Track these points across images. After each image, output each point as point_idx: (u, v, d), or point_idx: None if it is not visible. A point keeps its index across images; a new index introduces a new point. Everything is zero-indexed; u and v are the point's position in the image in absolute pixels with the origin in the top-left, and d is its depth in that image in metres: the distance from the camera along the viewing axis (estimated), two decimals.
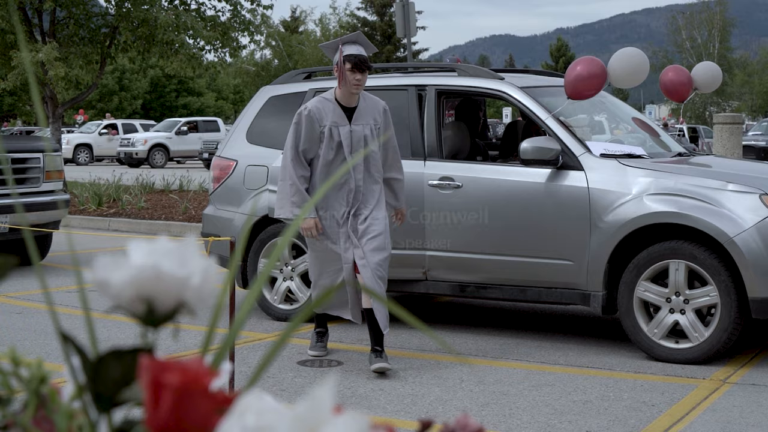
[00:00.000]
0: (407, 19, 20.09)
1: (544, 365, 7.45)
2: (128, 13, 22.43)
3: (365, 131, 7.30)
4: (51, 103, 23.06)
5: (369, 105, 7.38)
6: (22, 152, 12.15)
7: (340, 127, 7.26)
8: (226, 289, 0.93)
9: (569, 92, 8.24)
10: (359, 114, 7.32)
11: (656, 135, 9.09)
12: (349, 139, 7.27)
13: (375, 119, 7.35)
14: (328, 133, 7.24)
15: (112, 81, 70.65)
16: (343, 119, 7.28)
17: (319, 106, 7.30)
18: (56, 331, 0.92)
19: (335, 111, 7.28)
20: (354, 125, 7.29)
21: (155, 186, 21.69)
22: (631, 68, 8.32)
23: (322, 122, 7.25)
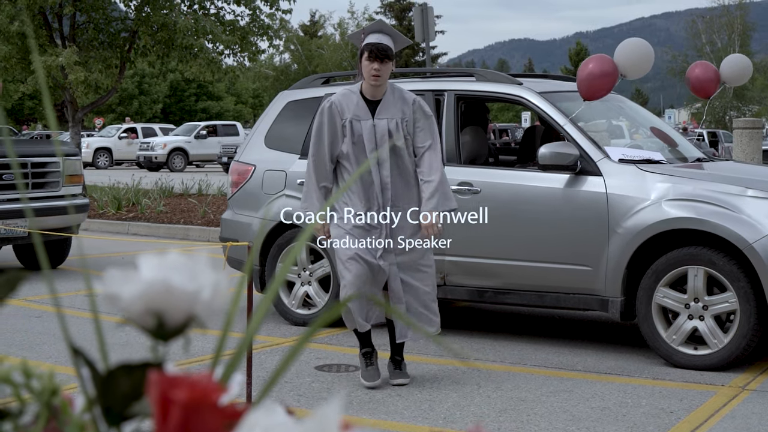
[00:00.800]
0: (426, 24, 20.08)
1: (561, 371, 7.43)
2: (148, 18, 22.51)
3: (390, 126, 6.82)
4: (71, 107, 23.15)
5: (397, 98, 6.90)
6: (41, 156, 12.19)
7: (362, 121, 6.83)
8: (240, 293, 0.93)
9: (582, 91, 8.24)
10: (384, 107, 6.85)
11: (675, 145, 9.02)
12: (371, 133, 6.82)
13: (403, 112, 6.85)
14: (349, 126, 6.83)
15: (132, 85, 70.91)
16: (366, 113, 6.85)
17: (342, 98, 6.90)
18: (66, 344, 0.92)
19: (358, 104, 6.86)
20: (377, 119, 6.83)
21: (174, 190, 21.75)
22: (637, 57, 8.31)
23: (344, 115, 6.84)
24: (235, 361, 0.91)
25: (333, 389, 6.89)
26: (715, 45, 69.49)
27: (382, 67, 6.76)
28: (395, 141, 6.83)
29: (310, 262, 9.02)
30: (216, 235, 14.33)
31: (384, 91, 6.88)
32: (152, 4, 22.48)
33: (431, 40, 20.47)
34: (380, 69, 6.75)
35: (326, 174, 6.88)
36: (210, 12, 23.09)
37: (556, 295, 8.03)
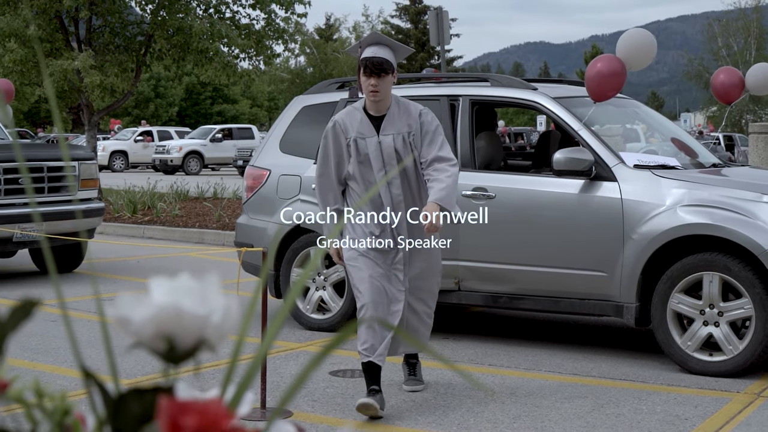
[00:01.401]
0: (441, 28, 20.09)
1: (576, 377, 7.42)
2: (163, 22, 22.55)
3: (396, 142, 6.46)
4: (87, 110, 23.21)
5: (402, 111, 6.53)
6: (57, 160, 12.23)
7: (367, 139, 6.48)
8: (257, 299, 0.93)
9: (591, 92, 8.23)
10: (388, 122, 6.50)
11: (695, 155, 8.95)
12: (377, 151, 6.47)
13: (409, 125, 6.47)
14: (354, 145, 6.49)
15: (147, 88, 71.07)
16: (371, 129, 6.49)
17: (345, 117, 6.58)
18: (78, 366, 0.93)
19: (362, 121, 6.51)
20: (383, 135, 6.48)
21: (189, 193, 21.80)
22: (639, 47, 8.32)
23: (348, 134, 6.50)
24: (246, 383, 0.91)
25: (347, 395, 6.89)
26: (732, 48, 69.27)
27: (380, 82, 6.40)
28: (406, 160, 6.50)
29: (324, 267, 9.02)
30: (231, 239, 14.35)
31: (388, 105, 6.53)
32: (168, 8, 22.53)
33: (446, 43, 20.48)
34: (378, 84, 6.40)
35: (336, 196, 6.59)
36: (225, 16, 23.13)
37: (571, 300, 8.01)
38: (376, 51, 6.46)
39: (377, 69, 6.39)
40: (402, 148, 6.47)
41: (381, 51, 6.46)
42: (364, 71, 6.41)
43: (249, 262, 9.30)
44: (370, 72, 6.39)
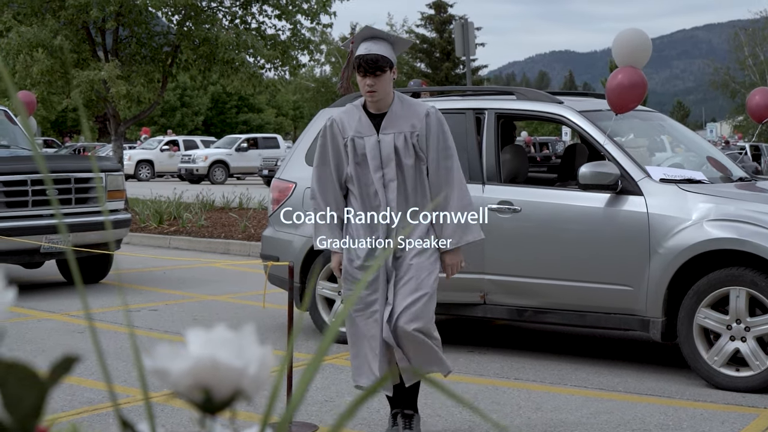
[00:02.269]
0: (466, 39, 20.10)
1: (602, 392, 7.40)
2: (189, 32, 22.66)
3: (397, 141, 5.93)
4: (113, 120, 23.35)
5: (406, 109, 6.00)
6: (84, 172, 12.31)
7: (365, 138, 5.97)
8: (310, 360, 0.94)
9: (612, 103, 8.24)
10: (390, 121, 5.97)
11: (726, 171, 8.89)
12: (375, 150, 5.95)
13: (412, 125, 5.94)
14: (351, 145, 5.98)
15: (173, 97, 71.39)
16: (369, 128, 5.98)
17: (343, 115, 6.08)
18: (115, 417, 0.94)
19: (361, 119, 6.00)
20: (383, 134, 5.96)
21: (215, 204, 21.87)
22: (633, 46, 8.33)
23: (345, 133, 6.01)
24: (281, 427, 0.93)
25: (373, 408, 6.90)
26: (758, 57, 68.97)
27: (377, 81, 5.87)
28: (405, 159, 5.96)
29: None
30: (256, 249, 14.39)
31: (389, 102, 6.01)
32: (194, 19, 22.65)
33: (472, 54, 20.50)
34: (374, 84, 5.87)
35: (335, 200, 6.07)
36: (251, 26, 23.23)
37: (597, 314, 8.00)
38: (371, 47, 5.91)
39: (372, 67, 5.85)
40: (403, 148, 5.95)
41: (376, 47, 5.91)
42: (358, 70, 5.89)
43: (275, 275, 9.33)
44: (364, 71, 5.87)
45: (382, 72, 5.87)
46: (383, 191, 5.95)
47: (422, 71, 66.96)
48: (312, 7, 22.97)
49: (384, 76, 5.88)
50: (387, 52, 5.91)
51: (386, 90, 5.94)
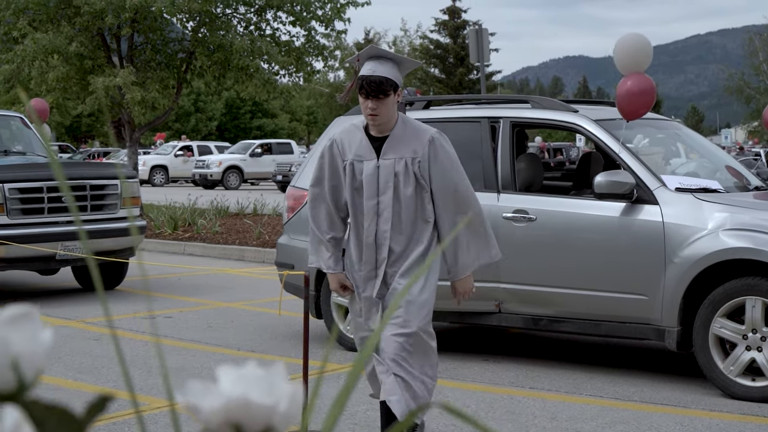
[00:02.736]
0: (480, 45, 20.12)
1: (618, 401, 7.40)
2: (204, 39, 22.76)
3: (397, 167, 5.57)
4: (128, 126, 23.44)
5: (408, 133, 5.63)
6: (99, 179, 12.36)
7: (365, 162, 5.63)
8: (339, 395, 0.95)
9: (622, 110, 8.24)
10: (391, 144, 5.61)
11: (743, 180, 8.87)
12: (374, 176, 5.60)
13: (414, 151, 5.57)
14: (350, 169, 5.65)
15: (188, 102, 71.60)
16: (370, 152, 5.64)
17: (344, 136, 5.76)
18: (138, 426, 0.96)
19: (362, 142, 5.67)
20: (383, 159, 5.61)
21: (229, 210, 21.91)
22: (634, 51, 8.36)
23: (345, 156, 5.68)
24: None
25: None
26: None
27: (380, 105, 5.51)
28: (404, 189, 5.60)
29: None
30: (271, 256, 14.42)
31: (392, 126, 5.65)
32: (209, 26, 22.73)
33: (486, 61, 20.52)
34: (377, 107, 5.51)
35: (332, 223, 5.77)
36: (266, 33, 23.30)
37: (612, 324, 7.99)
38: (375, 68, 5.56)
39: (375, 91, 5.51)
40: (403, 174, 5.58)
41: (381, 67, 5.56)
42: (360, 91, 5.55)
43: (290, 283, 9.35)
44: (366, 94, 5.52)
45: (385, 96, 5.51)
46: (375, 221, 5.61)
47: (436, 77, 67.02)
48: (326, 13, 23.03)
49: (387, 99, 5.53)
50: (392, 73, 5.57)
51: (389, 114, 5.58)
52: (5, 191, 11.50)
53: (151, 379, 7.91)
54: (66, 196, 1.00)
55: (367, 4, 23.30)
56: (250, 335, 9.84)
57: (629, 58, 8.36)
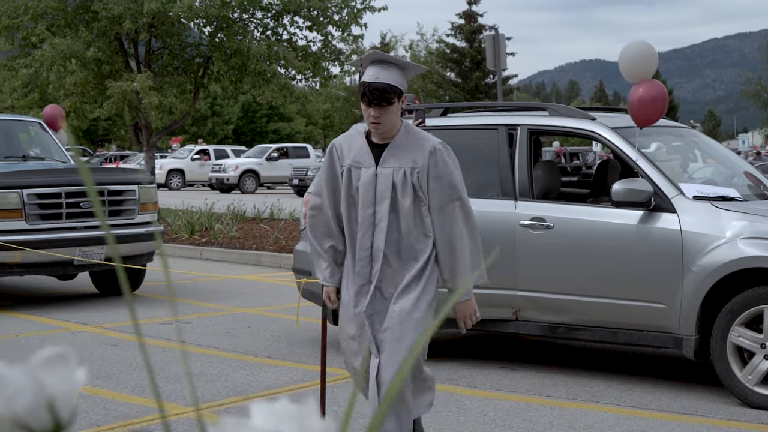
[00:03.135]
0: (497, 51, 20.12)
1: (635, 410, 7.38)
2: (221, 44, 22.80)
3: (396, 176, 5.29)
4: (145, 131, 23.51)
5: (410, 142, 5.35)
6: (117, 184, 12.41)
7: (363, 169, 5.35)
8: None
9: (635, 116, 8.24)
10: (391, 152, 5.33)
11: (762, 188, 8.86)
12: (371, 184, 5.32)
13: (414, 161, 5.28)
14: (347, 175, 5.38)
15: (204, 106, 71.75)
16: (370, 159, 5.35)
17: (345, 140, 5.50)
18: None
19: (362, 147, 5.39)
20: (382, 167, 5.32)
21: (246, 214, 21.95)
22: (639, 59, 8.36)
23: (343, 161, 5.41)
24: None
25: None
26: None
27: (383, 113, 5.22)
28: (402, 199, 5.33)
29: None
30: (288, 261, 14.45)
31: (395, 133, 5.38)
32: (226, 31, 22.78)
33: (503, 67, 20.51)
34: (380, 116, 5.23)
35: (330, 232, 5.51)
36: (282, 38, 23.33)
37: (630, 332, 7.99)
38: (378, 74, 5.26)
39: (378, 99, 5.21)
40: (401, 184, 5.29)
41: (384, 73, 5.25)
42: (362, 99, 5.26)
43: (308, 290, 9.36)
44: (369, 101, 5.22)
45: (388, 104, 5.22)
46: (371, 232, 5.34)
47: (452, 80, 66.99)
48: (343, 18, 23.05)
49: (391, 107, 5.24)
50: (396, 79, 5.27)
51: (393, 122, 5.31)
52: (24, 197, 11.55)
53: (169, 385, 7.93)
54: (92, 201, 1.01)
55: (384, 9, 23.33)
56: (268, 342, 9.85)
57: (634, 67, 8.37)
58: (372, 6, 23.10)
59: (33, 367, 0.85)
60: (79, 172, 12.43)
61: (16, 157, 13.32)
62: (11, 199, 11.49)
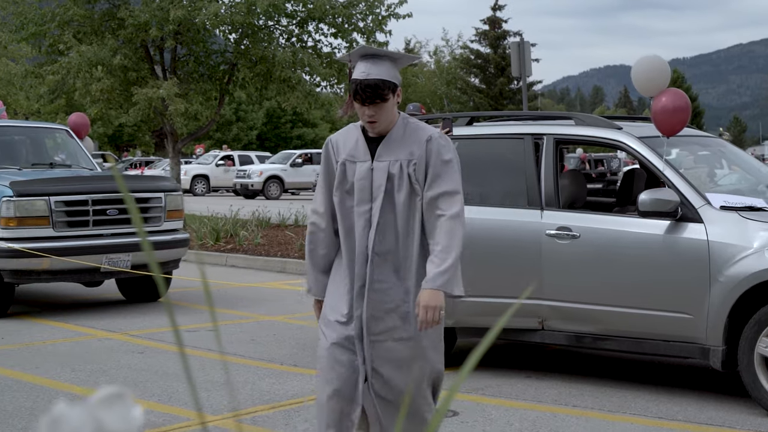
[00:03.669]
0: (522, 58, 20.11)
1: (662, 420, 7.36)
2: (247, 51, 22.90)
3: (392, 169, 4.95)
4: (171, 137, 23.62)
5: (407, 134, 5.00)
6: (144, 192, 12.47)
7: (358, 163, 5.02)
8: None
9: (659, 126, 8.24)
10: (387, 146, 4.99)
11: None
12: (367, 180, 4.99)
13: (411, 153, 4.94)
14: (341, 170, 5.04)
15: (229, 112, 71.97)
16: (365, 153, 5.02)
17: (340, 135, 5.19)
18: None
19: (358, 141, 5.06)
20: (378, 161, 4.99)
21: (271, 221, 22.01)
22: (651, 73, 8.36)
23: (338, 155, 5.09)
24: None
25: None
26: None
27: (378, 111, 4.91)
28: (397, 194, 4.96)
29: None
30: None
31: (391, 127, 5.04)
32: (251, 38, 22.88)
33: (528, 75, 20.51)
34: (375, 114, 4.91)
35: (330, 252, 5.15)
36: (307, 45, 23.41)
37: (656, 342, 7.97)
38: (369, 69, 4.92)
39: (371, 96, 4.90)
40: (397, 177, 4.96)
41: (375, 68, 4.92)
42: (355, 98, 4.93)
43: None
44: (362, 100, 4.91)
45: (383, 100, 4.90)
46: (366, 229, 4.97)
47: (476, 86, 66.98)
48: (368, 25, 23.11)
49: (386, 104, 4.92)
50: (389, 73, 4.94)
51: (389, 118, 4.98)
52: (51, 204, 11.63)
53: (198, 393, 7.94)
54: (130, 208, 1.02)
55: (409, 17, 23.36)
56: (294, 349, 9.88)
57: (648, 80, 8.38)
58: (397, 13, 23.14)
59: (92, 405, 0.87)
60: (105, 179, 12.50)
61: (44, 164, 13.41)
62: (39, 207, 11.57)
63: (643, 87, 8.46)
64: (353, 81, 4.91)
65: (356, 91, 4.89)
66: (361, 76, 4.87)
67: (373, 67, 4.89)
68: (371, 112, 4.89)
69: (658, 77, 8.41)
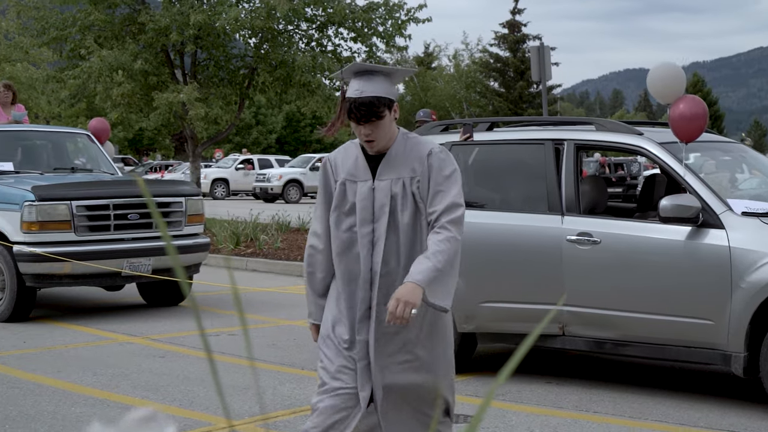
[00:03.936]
0: (542, 62, 20.10)
1: (683, 427, 7.34)
2: (266, 55, 22.94)
3: (394, 188, 4.79)
4: (191, 142, 23.69)
5: (408, 150, 4.84)
6: (165, 196, 12.52)
7: (359, 183, 4.86)
8: None
9: (677, 132, 8.23)
10: (387, 164, 4.83)
11: None
12: (368, 199, 4.83)
13: (413, 170, 4.79)
14: (340, 189, 4.89)
15: (249, 115, 72.13)
16: (366, 172, 4.86)
17: (339, 154, 5.00)
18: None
19: (357, 160, 4.90)
20: (379, 180, 4.83)
21: (291, 225, 22.03)
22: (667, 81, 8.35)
23: (337, 175, 4.92)
24: None
25: None
26: None
27: (375, 129, 4.74)
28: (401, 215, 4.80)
29: None
30: None
31: (390, 144, 4.87)
32: (271, 42, 22.92)
33: (548, 79, 20.48)
34: (372, 132, 4.75)
35: (323, 261, 4.99)
36: (327, 49, 23.43)
37: (677, 348, 7.95)
38: (363, 87, 4.75)
39: (366, 115, 4.74)
40: (401, 197, 4.80)
41: (369, 85, 4.76)
42: (350, 117, 4.76)
43: None
44: (357, 119, 4.74)
45: (378, 118, 4.73)
46: (369, 252, 4.81)
47: (496, 90, 66.91)
48: (387, 29, 23.11)
49: (382, 121, 4.75)
50: (384, 89, 4.78)
51: (387, 135, 4.82)
52: (72, 208, 11.68)
53: (217, 397, 7.97)
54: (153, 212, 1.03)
55: (428, 21, 23.36)
56: (314, 354, 9.85)
57: (664, 87, 8.38)
58: (416, 17, 23.15)
59: (126, 427, 0.88)
60: (126, 184, 12.55)
61: (65, 168, 13.46)
62: (61, 211, 11.62)
63: (660, 94, 8.45)
64: (347, 99, 4.76)
65: (351, 110, 4.73)
66: (355, 94, 4.73)
67: (367, 84, 4.74)
68: (368, 131, 4.75)
69: (674, 84, 8.40)
